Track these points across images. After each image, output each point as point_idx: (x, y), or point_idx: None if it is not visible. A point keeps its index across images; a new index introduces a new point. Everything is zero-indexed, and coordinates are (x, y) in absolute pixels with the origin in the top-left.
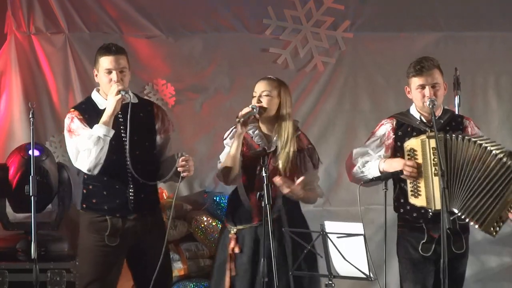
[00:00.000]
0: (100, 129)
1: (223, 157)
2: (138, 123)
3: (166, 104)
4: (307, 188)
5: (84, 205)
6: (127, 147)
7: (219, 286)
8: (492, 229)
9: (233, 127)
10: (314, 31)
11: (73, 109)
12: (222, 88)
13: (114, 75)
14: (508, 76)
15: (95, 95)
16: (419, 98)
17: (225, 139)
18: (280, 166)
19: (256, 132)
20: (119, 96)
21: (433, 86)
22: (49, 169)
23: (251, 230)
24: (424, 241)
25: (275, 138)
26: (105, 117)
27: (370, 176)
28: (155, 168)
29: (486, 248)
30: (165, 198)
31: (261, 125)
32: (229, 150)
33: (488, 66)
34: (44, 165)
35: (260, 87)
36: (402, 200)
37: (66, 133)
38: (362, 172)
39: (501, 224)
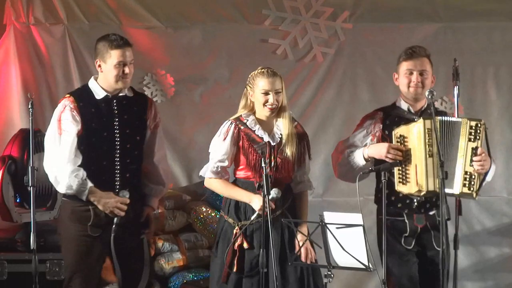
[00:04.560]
0: (87, 196)
1: (225, 190)
2: (132, 117)
3: (165, 94)
4: (302, 183)
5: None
6: (118, 139)
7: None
8: (464, 187)
9: (228, 124)
10: (313, 21)
11: (68, 95)
12: (222, 79)
13: (127, 68)
14: (507, 67)
15: (92, 84)
16: (405, 83)
17: (224, 138)
18: (290, 155)
19: (257, 125)
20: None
21: (421, 74)
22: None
23: (260, 224)
24: (406, 234)
25: (276, 130)
26: (95, 199)
27: (355, 166)
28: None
29: (485, 239)
30: None
31: (258, 117)
32: (233, 196)
33: (487, 57)
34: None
35: (274, 84)
36: (386, 191)
37: (54, 120)
38: (348, 162)
39: (472, 178)
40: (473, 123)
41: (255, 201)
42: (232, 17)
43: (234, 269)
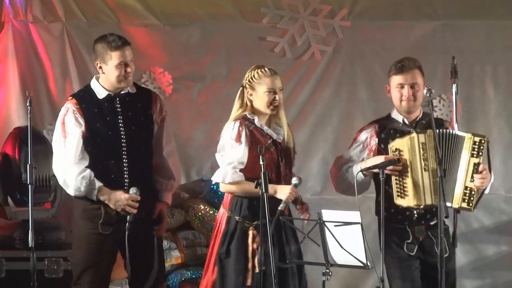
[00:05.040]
0: (96, 195)
1: (248, 189)
2: (136, 113)
3: (163, 92)
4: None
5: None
6: (124, 137)
7: (239, 284)
8: (463, 202)
9: (237, 126)
10: (311, 19)
11: (71, 97)
12: (219, 77)
13: (129, 68)
14: (505, 65)
15: (94, 84)
16: (397, 97)
17: (237, 143)
18: (291, 150)
19: (265, 126)
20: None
21: (412, 87)
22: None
23: (276, 222)
24: (409, 241)
25: (276, 127)
26: (105, 198)
27: (353, 181)
28: (151, 160)
29: (483, 237)
30: None
31: (259, 116)
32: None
33: (486, 55)
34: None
35: (276, 83)
36: (386, 204)
37: (58, 124)
38: (347, 178)
39: (471, 194)
40: (477, 139)
41: (282, 191)
42: (230, 15)
43: (256, 270)
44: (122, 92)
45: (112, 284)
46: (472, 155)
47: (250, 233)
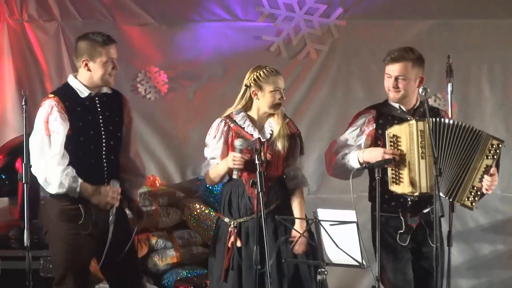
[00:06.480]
0: (78, 192)
1: (212, 172)
2: (112, 114)
3: (159, 91)
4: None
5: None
6: (104, 137)
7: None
8: (467, 200)
9: (217, 122)
10: (307, 18)
11: (52, 95)
12: (215, 76)
13: (116, 66)
14: (501, 64)
15: (74, 82)
16: (386, 86)
17: (209, 146)
18: (280, 148)
19: (247, 122)
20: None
21: (396, 79)
22: None
23: (255, 221)
24: (402, 231)
25: (266, 126)
26: (88, 194)
27: (350, 168)
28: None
29: (479, 236)
30: (157, 185)
31: (250, 114)
32: (219, 171)
33: (481, 54)
34: None
35: (281, 83)
36: (380, 189)
37: (41, 122)
38: (343, 165)
39: (477, 194)
40: (495, 142)
41: (228, 160)
42: (226, 14)
43: (225, 267)
44: (101, 92)
45: (102, 283)
46: (487, 157)
47: (229, 230)
